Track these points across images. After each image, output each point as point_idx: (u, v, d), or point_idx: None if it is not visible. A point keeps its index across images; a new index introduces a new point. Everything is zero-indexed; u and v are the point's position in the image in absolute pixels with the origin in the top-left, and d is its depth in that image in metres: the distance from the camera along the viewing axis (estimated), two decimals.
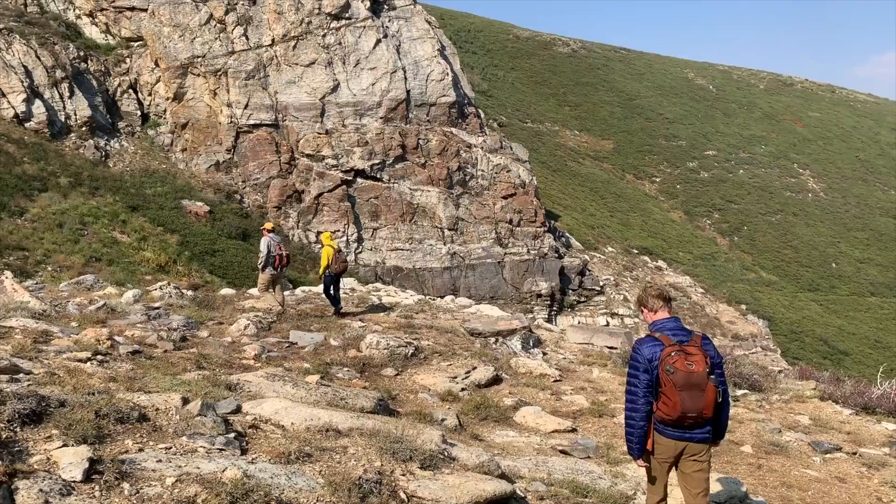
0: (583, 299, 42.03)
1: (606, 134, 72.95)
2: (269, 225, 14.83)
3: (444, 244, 38.74)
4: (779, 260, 58.48)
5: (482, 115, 46.14)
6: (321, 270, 14.33)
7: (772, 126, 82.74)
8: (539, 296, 39.65)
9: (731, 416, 9.71)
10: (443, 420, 7.71)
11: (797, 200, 68.57)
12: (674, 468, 4.82)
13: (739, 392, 11.88)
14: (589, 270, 43.13)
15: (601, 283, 42.95)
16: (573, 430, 8.50)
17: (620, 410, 9.50)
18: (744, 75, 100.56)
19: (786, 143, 79.03)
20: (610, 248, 49.13)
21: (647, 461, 4.81)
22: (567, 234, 46.69)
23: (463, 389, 9.69)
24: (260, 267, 14.37)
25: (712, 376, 4.58)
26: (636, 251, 50.57)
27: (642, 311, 5.04)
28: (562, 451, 7.51)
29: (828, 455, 8.75)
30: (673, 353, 4.55)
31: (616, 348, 14.13)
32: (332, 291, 14.35)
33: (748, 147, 76.22)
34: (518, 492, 5.22)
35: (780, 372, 17.65)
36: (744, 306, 47.10)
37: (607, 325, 37.34)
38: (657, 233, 56.18)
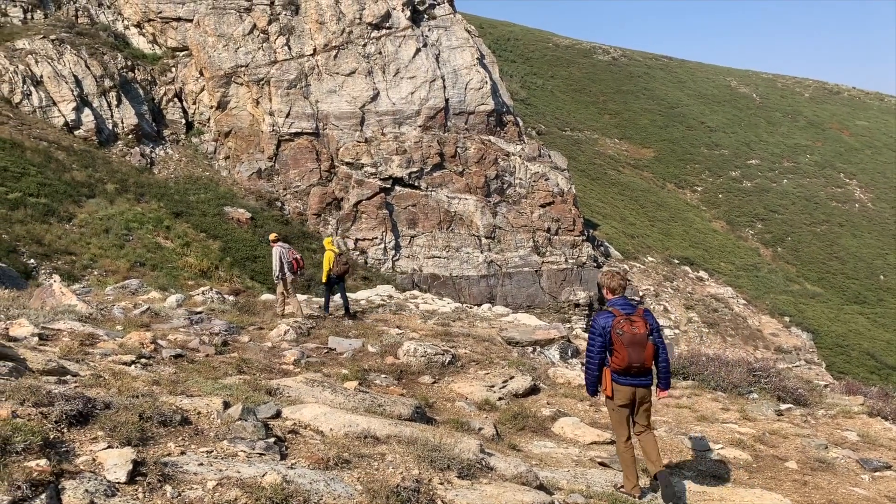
0: None
1: (647, 142, 72.23)
2: (273, 236, 15.33)
3: (481, 252, 38.69)
4: (824, 271, 57.15)
5: (521, 124, 46.05)
6: (324, 275, 14.89)
7: (817, 135, 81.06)
8: (577, 305, 39.33)
9: (775, 430, 9.56)
10: (480, 429, 7.67)
11: (843, 211, 66.99)
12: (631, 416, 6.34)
13: (784, 406, 11.60)
14: (628, 280, 42.65)
15: (641, 294, 42.44)
16: (612, 442, 8.39)
17: (661, 423, 9.35)
18: (788, 83, 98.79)
19: (832, 153, 77.33)
20: (650, 258, 48.54)
21: (612, 407, 6.32)
22: (606, 244, 46.26)
23: (500, 399, 9.63)
24: (277, 278, 14.74)
25: (651, 337, 6.16)
26: (677, 261, 49.88)
27: (603, 291, 6.56)
28: (601, 464, 7.41)
29: (877, 473, 8.48)
30: (621, 321, 6.13)
31: None
32: (330, 294, 15.20)
33: (792, 156, 74.78)
34: (556, 503, 5.16)
35: (825, 386, 17.22)
36: (787, 318, 46.09)
37: None
38: (699, 243, 55.36)
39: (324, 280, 15.08)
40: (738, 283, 49.97)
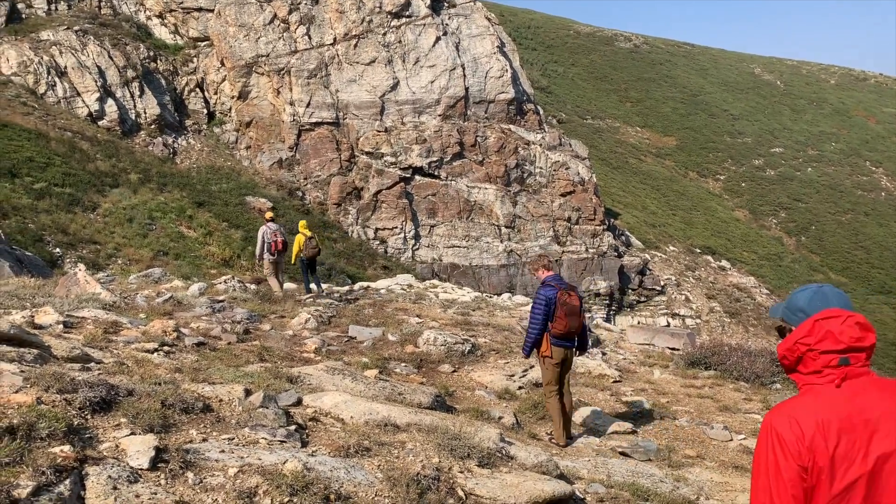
0: (643, 299, 41.34)
1: (669, 130, 71.54)
2: (269, 214, 15.94)
3: (501, 242, 38.61)
4: (849, 261, 56.39)
5: (541, 112, 45.80)
6: (293, 257, 15.77)
7: (843, 122, 79.81)
8: (598, 295, 39.16)
9: None
10: (500, 418, 7.66)
11: (869, 199, 65.96)
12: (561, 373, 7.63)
13: None
14: (650, 270, 42.38)
15: (662, 283, 42.16)
16: (633, 432, 8.35)
17: (683, 413, 9.29)
18: (813, 70, 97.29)
19: (857, 140, 76.12)
20: (672, 247, 48.17)
21: (549, 365, 7.56)
22: (627, 233, 45.97)
23: (520, 388, 9.62)
24: (257, 255, 15.51)
25: (581, 308, 7.57)
26: (699, 250, 49.45)
27: (538, 271, 7.76)
28: (622, 453, 7.37)
29: None
30: (562, 294, 7.42)
31: (678, 349, 13.82)
32: (307, 275, 15.98)
33: (817, 144, 73.72)
34: (577, 493, 5.14)
35: None
36: None
37: (668, 325, 36.63)
38: (721, 232, 54.83)
39: (293, 261, 16.05)
40: (761, 272, 49.46)
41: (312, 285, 16.17)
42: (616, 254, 41.12)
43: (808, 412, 2.28)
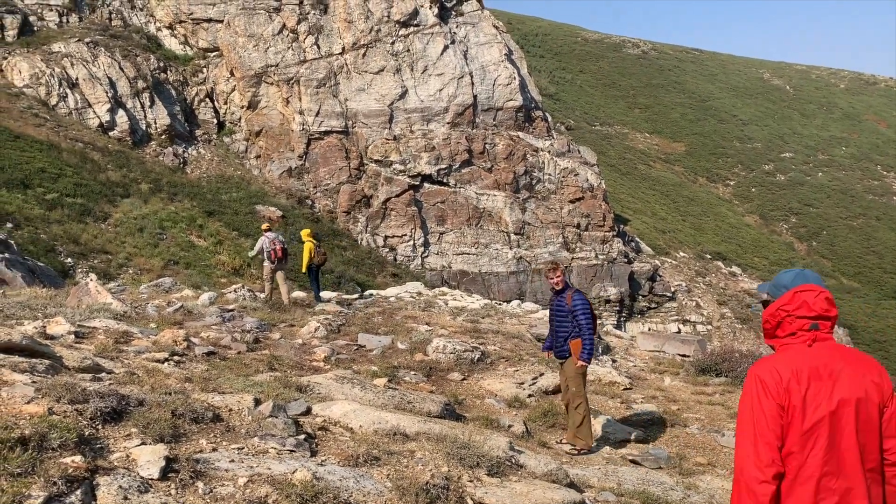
0: (653, 305, 41.19)
1: (678, 136, 71.40)
2: (265, 225, 16.24)
3: (510, 248, 38.59)
4: (860, 266, 56.02)
5: (549, 119, 45.81)
6: (303, 265, 16.00)
7: (853, 127, 79.44)
8: (608, 301, 39.05)
9: None
10: (510, 426, 7.65)
11: (881, 204, 65.56)
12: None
13: None
14: (660, 276, 42.24)
15: (672, 289, 41.99)
16: (644, 440, 8.31)
17: (693, 420, 9.24)
18: (823, 75, 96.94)
19: (868, 144, 75.73)
20: (682, 253, 48.00)
21: (584, 371, 7.72)
22: (637, 239, 45.84)
23: (530, 396, 9.59)
24: (251, 257, 16.61)
25: None
26: (709, 256, 49.26)
27: (557, 275, 7.74)
28: (632, 461, 7.34)
29: None
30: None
31: (689, 356, 13.76)
32: (315, 282, 16.34)
33: (827, 149, 73.38)
34: (587, 502, 5.12)
35: None
36: None
37: (679, 332, 36.45)
38: (731, 237, 54.61)
39: (303, 270, 16.28)
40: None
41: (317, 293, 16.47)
42: (626, 260, 41.01)
43: (785, 363, 2.81)
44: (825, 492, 2.68)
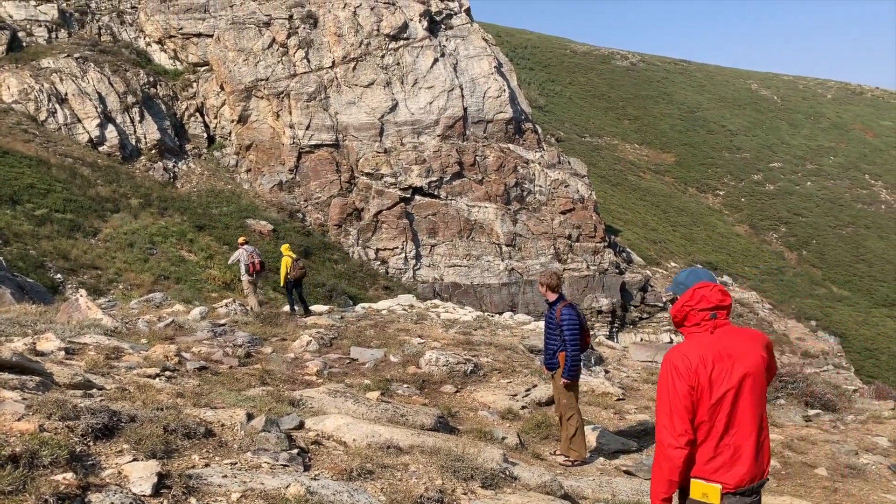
0: (645, 316, 41.27)
1: (667, 147, 71.80)
2: (242, 239, 16.52)
3: (502, 260, 38.63)
4: (850, 274, 56.34)
5: (539, 131, 46.00)
6: (282, 279, 16.16)
7: (840, 136, 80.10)
8: (600, 312, 39.10)
9: (804, 437, 9.46)
10: (503, 438, 7.63)
11: (869, 212, 66.05)
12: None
13: (812, 412, 11.43)
14: (651, 286, 42.35)
15: (664, 299, 42.08)
16: (638, 450, 8.31)
17: None
18: (810, 85, 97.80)
19: (856, 154, 76.35)
20: (673, 264, 48.17)
21: (573, 384, 7.54)
22: (628, 250, 45.98)
23: (523, 407, 9.57)
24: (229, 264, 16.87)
25: None
26: (700, 266, 49.40)
27: (551, 290, 7.48)
28: (626, 472, 7.34)
29: None
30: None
31: None
32: (292, 296, 16.31)
33: (815, 158, 73.93)
34: None
35: (854, 391, 16.96)
36: (814, 322, 45.47)
37: (671, 342, 36.52)
38: (722, 247, 54.85)
39: (282, 283, 16.45)
40: (763, 287, 49.40)
41: (297, 307, 16.47)
42: (617, 271, 41.11)
43: (692, 350, 3.37)
44: (723, 447, 3.30)
